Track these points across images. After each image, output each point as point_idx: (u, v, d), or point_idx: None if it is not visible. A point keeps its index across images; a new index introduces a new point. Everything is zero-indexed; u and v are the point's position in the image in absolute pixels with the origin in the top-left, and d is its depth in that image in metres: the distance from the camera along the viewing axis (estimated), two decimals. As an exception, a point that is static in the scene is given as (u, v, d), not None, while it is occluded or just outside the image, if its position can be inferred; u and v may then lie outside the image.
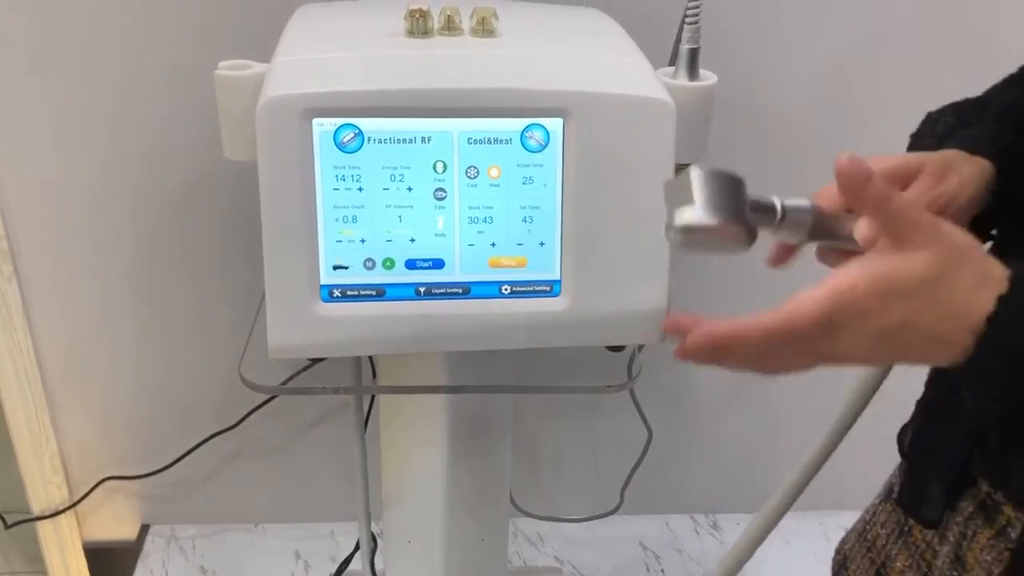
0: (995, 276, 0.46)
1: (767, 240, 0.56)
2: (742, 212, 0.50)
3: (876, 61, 1.26)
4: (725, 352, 0.49)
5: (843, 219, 0.55)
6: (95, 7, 1.14)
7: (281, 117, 0.74)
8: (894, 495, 0.75)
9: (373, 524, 1.27)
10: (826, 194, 0.56)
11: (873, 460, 0.88)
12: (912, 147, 0.69)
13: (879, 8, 1.23)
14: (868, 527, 0.79)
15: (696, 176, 0.50)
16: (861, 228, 0.52)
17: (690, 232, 0.49)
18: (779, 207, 0.53)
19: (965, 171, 0.60)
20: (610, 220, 0.80)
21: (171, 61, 1.18)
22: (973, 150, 0.61)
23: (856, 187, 0.48)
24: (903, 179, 0.59)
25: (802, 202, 0.54)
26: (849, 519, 0.87)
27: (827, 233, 0.55)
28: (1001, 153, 0.61)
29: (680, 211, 0.50)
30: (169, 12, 1.16)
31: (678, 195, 0.50)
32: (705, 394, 1.49)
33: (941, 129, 0.66)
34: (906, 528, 0.73)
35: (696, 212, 0.49)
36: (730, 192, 0.50)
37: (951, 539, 0.67)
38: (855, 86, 1.28)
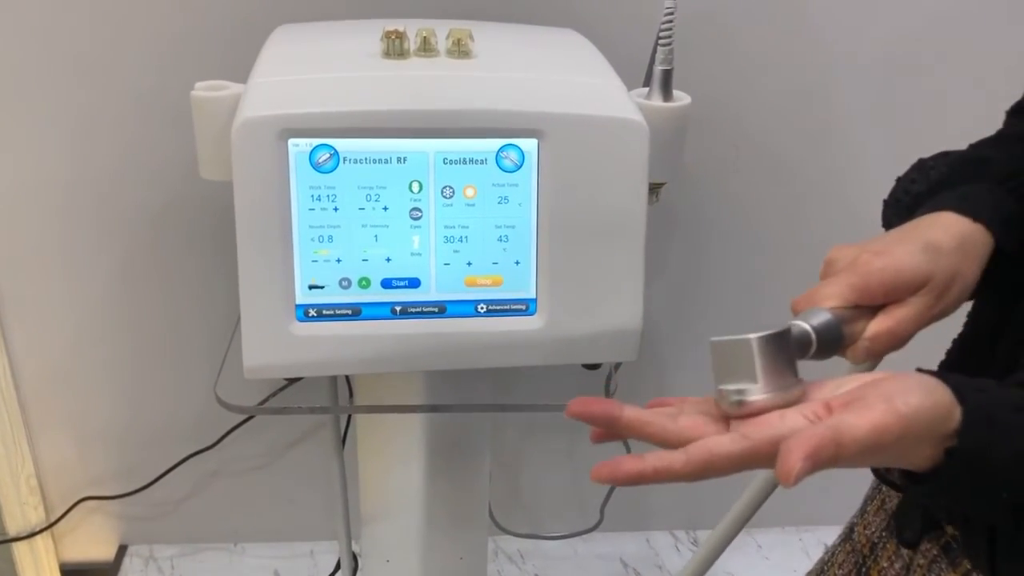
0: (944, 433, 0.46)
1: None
2: (793, 373, 0.49)
3: (849, 81, 1.28)
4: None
5: (854, 320, 0.54)
6: (72, 26, 1.14)
7: (257, 138, 0.75)
8: (853, 535, 0.75)
9: (353, 543, 1.27)
10: (830, 293, 0.55)
11: (853, 475, 0.88)
12: (896, 191, 0.67)
13: (851, 29, 1.25)
14: (825, 567, 0.79)
15: (756, 347, 0.48)
16: (873, 328, 0.53)
17: (750, 407, 0.48)
18: (812, 336, 0.52)
19: (969, 275, 0.57)
20: (585, 239, 0.80)
21: (149, 81, 1.18)
22: (975, 216, 0.58)
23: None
24: (902, 290, 0.55)
25: (825, 316, 0.53)
26: (828, 534, 0.87)
27: (847, 339, 0.54)
28: (1005, 221, 0.59)
29: (740, 386, 0.48)
30: (147, 31, 1.16)
31: (734, 365, 0.48)
32: (684, 411, 1.49)
33: (935, 177, 0.64)
34: (864, 569, 0.73)
35: (758, 391, 0.48)
36: (784, 356, 0.49)
37: None
38: (828, 106, 1.29)
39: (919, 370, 0.48)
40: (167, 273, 1.31)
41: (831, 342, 0.53)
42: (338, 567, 1.35)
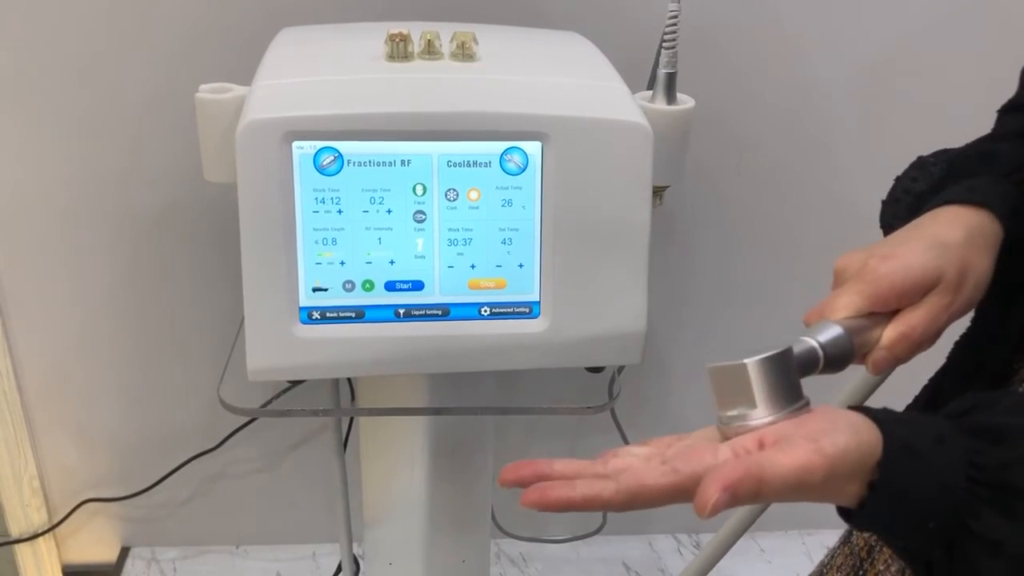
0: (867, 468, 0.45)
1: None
2: (797, 393, 0.48)
3: (851, 86, 1.28)
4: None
5: (870, 328, 0.54)
6: (77, 29, 1.15)
7: (261, 140, 0.75)
8: (851, 538, 0.75)
9: (355, 546, 1.27)
10: (841, 304, 0.54)
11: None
12: (895, 191, 0.66)
13: (854, 33, 1.25)
14: (824, 570, 0.79)
15: (752, 371, 0.47)
16: (888, 335, 0.53)
17: (753, 431, 0.47)
18: (820, 353, 0.51)
19: (981, 266, 0.56)
20: (589, 242, 0.80)
21: (153, 83, 1.18)
22: (981, 204, 0.57)
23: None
24: (915, 292, 0.54)
25: (834, 331, 0.52)
26: (831, 538, 0.87)
27: (863, 348, 0.54)
28: (1014, 211, 0.58)
29: (739, 411, 0.47)
30: (151, 34, 1.16)
31: (732, 390, 0.47)
32: (685, 413, 1.49)
33: (937, 174, 0.64)
34: (861, 572, 0.73)
35: (758, 415, 0.47)
36: (785, 377, 0.47)
37: None
38: (830, 111, 1.29)
39: (851, 408, 0.47)
40: (171, 275, 1.31)
41: (841, 357, 0.52)
42: (339, 570, 1.35)
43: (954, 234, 0.56)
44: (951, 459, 0.44)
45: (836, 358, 0.51)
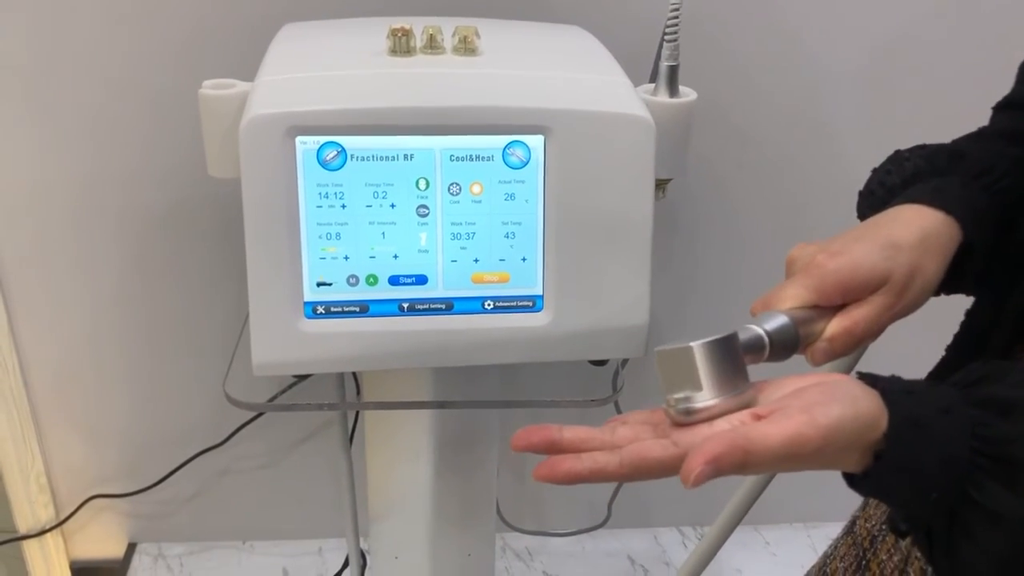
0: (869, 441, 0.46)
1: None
2: (743, 378, 0.49)
3: (854, 79, 1.28)
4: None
5: (815, 320, 0.55)
6: (80, 26, 1.15)
7: (264, 135, 0.75)
8: (854, 528, 0.75)
9: (361, 540, 1.27)
10: (787, 295, 0.55)
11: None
12: (871, 183, 0.67)
13: (856, 26, 1.25)
14: (828, 560, 0.79)
15: (698, 354, 0.48)
16: (831, 329, 0.54)
17: (697, 414, 0.48)
18: (766, 340, 0.52)
19: (930, 270, 0.57)
20: (591, 236, 0.81)
21: (157, 79, 1.19)
22: (944, 209, 0.58)
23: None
24: (860, 290, 0.55)
25: (780, 320, 0.53)
26: (836, 530, 0.87)
27: (807, 339, 0.55)
28: (976, 217, 0.59)
29: (685, 394, 0.48)
30: (155, 30, 1.16)
31: (678, 373, 0.48)
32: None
33: (910, 169, 0.64)
34: (864, 562, 0.73)
35: (703, 397, 0.47)
36: (730, 361, 0.48)
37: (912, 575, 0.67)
38: (832, 104, 1.29)
39: (860, 375, 0.48)
40: (176, 271, 1.32)
41: (787, 344, 0.53)
42: (346, 564, 1.35)
43: (908, 236, 0.57)
44: (956, 431, 0.45)
45: (782, 346, 0.52)
